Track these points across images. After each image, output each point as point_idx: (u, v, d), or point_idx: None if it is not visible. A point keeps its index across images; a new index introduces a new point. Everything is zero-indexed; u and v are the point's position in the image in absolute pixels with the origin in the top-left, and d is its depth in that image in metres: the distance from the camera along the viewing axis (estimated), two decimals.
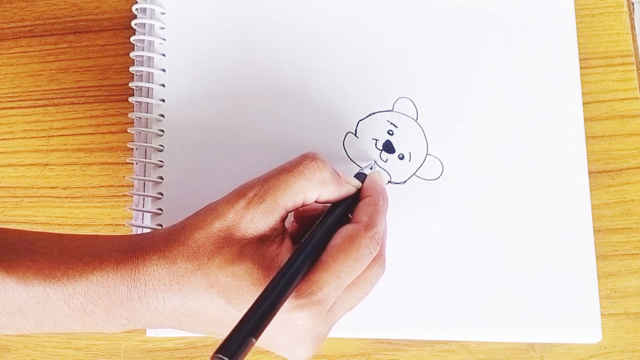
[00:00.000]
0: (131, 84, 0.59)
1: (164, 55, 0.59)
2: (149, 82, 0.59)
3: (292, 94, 0.58)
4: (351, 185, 0.51)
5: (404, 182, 0.57)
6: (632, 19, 0.60)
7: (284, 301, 0.42)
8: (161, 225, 0.56)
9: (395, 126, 0.58)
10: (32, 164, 0.60)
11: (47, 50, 0.62)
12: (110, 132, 0.60)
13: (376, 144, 0.57)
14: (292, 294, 0.44)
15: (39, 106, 0.61)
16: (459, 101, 0.58)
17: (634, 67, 0.60)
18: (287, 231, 0.48)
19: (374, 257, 0.48)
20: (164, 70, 0.59)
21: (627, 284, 0.57)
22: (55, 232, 0.55)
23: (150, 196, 0.57)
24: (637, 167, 0.59)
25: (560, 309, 0.55)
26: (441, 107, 0.58)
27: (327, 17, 0.59)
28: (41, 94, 0.61)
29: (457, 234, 0.56)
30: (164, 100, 0.58)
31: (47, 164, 0.60)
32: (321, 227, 0.48)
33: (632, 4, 0.61)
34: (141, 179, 0.57)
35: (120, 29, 0.62)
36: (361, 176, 0.53)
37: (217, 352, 0.37)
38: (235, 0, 0.60)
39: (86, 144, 0.60)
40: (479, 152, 0.57)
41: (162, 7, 0.59)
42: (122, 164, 0.60)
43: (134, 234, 0.56)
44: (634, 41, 0.60)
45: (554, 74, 0.58)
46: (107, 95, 0.61)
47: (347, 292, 0.47)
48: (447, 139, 0.58)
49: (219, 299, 0.45)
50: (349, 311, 0.49)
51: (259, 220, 0.46)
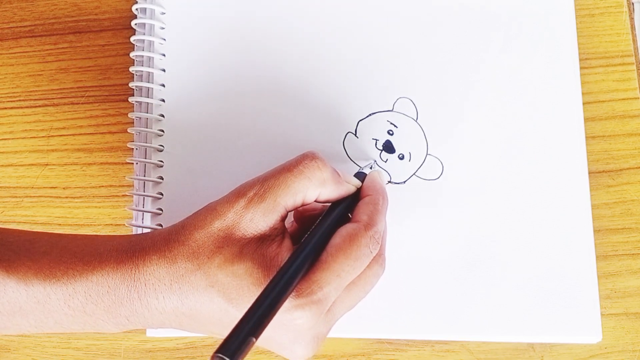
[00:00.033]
0: (131, 84, 0.59)
1: (164, 55, 0.59)
2: (149, 82, 0.59)
3: (292, 94, 0.58)
4: (351, 184, 0.51)
5: (404, 182, 0.57)
6: (632, 19, 0.60)
7: (284, 301, 0.42)
8: (161, 225, 0.56)
9: (395, 126, 0.58)
10: (32, 164, 0.60)
11: (47, 50, 0.62)
12: (110, 132, 0.60)
13: (376, 144, 0.57)
14: (292, 293, 0.44)
15: (39, 106, 0.61)
16: (459, 101, 0.58)
17: (634, 67, 0.60)
18: (287, 231, 0.48)
19: (374, 257, 0.48)
20: (164, 70, 0.59)
21: (627, 284, 0.57)
22: (55, 232, 0.55)
23: (150, 196, 0.57)
24: (637, 167, 0.59)
25: (560, 309, 0.55)
26: (441, 107, 0.58)
27: (327, 17, 0.59)
28: (41, 94, 0.61)
29: (457, 234, 0.56)
30: (164, 100, 0.58)
31: (47, 164, 0.60)
32: (321, 226, 0.48)
33: (632, 4, 0.61)
34: (141, 179, 0.57)
35: (120, 29, 0.62)
36: (361, 175, 0.53)
37: (217, 351, 0.37)
38: (235, 0, 0.60)
39: (86, 144, 0.60)
40: (479, 152, 0.57)
41: (162, 7, 0.59)
42: (122, 164, 0.60)
43: (134, 233, 0.56)
44: (634, 41, 0.60)
45: (554, 74, 0.58)
46: (107, 95, 0.61)
47: (347, 292, 0.47)
48: (447, 139, 0.58)
49: (219, 298, 0.45)
50: (349, 310, 0.49)
51: (258, 219, 0.46)
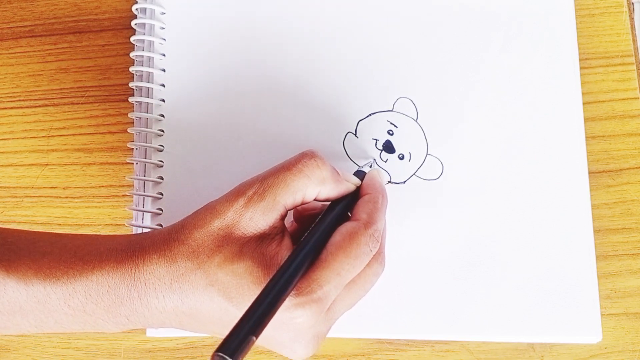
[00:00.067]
0: (131, 84, 0.59)
1: (164, 55, 0.59)
2: (149, 82, 0.59)
3: (292, 94, 0.58)
4: (350, 183, 0.51)
5: (404, 182, 0.57)
6: (632, 19, 0.60)
7: (284, 299, 0.42)
8: (161, 225, 0.56)
9: (395, 126, 0.58)
10: (32, 164, 0.60)
11: (47, 50, 0.62)
12: (110, 132, 0.60)
13: (376, 144, 0.57)
14: (292, 292, 0.44)
15: (39, 106, 0.61)
16: (459, 101, 0.58)
17: (634, 67, 0.60)
18: (287, 229, 0.48)
19: (374, 255, 0.48)
20: (164, 70, 0.59)
21: (627, 284, 0.57)
22: (55, 232, 0.55)
23: (150, 196, 0.57)
24: (637, 167, 0.59)
25: (560, 309, 0.55)
26: (441, 107, 0.58)
27: (327, 17, 0.59)
28: (41, 94, 0.61)
29: (457, 234, 0.56)
30: (164, 100, 0.58)
31: (47, 164, 0.60)
32: (321, 225, 0.48)
33: (632, 4, 0.61)
34: (141, 179, 0.57)
35: (120, 29, 0.62)
36: (360, 174, 0.53)
37: (218, 350, 0.37)
38: (235, 0, 0.60)
39: (86, 144, 0.60)
40: (479, 152, 0.57)
41: (162, 7, 0.59)
42: (122, 164, 0.60)
43: (133, 233, 0.56)
44: (634, 41, 0.60)
45: (554, 74, 0.58)
46: (107, 95, 0.61)
47: (347, 290, 0.47)
48: (447, 139, 0.58)
49: (219, 297, 0.45)
50: (349, 309, 0.49)
51: (258, 218, 0.46)
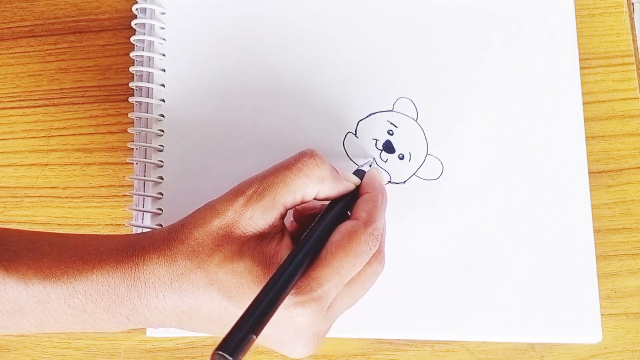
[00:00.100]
0: (131, 84, 0.59)
1: (164, 55, 0.59)
2: (149, 82, 0.59)
3: (292, 94, 0.58)
4: (350, 182, 0.51)
5: (404, 182, 0.57)
6: (632, 19, 0.60)
7: (284, 298, 0.42)
8: (161, 225, 0.56)
9: (395, 126, 0.58)
10: (32, 164, 0.60)
11: (47, 50, 0.62)
12: (110, 132, 0.60)
13: (376, 144, 0.57)
14: (292, 290, 0.44)
15: (39, 106, 0.61)
16: (459, 101, 0.58)
17: (634, 67, 0.60)
18: (287, 229, 0.48)
19: (374, 254, 0.48)
20: (164, 70, 0.59)
21: (627, 284, 0.57)
22: (55, 232, 0.54)
23: (150, 196, 0.57)
24: (637, 167, 0.59)
25: (560, 309, 0.55)
26: (441, 107, 0.58)
27: (327, 17, 0.59)
28: (41, 94, 0.61)
29: (457, 234, 0.56)
30: (164, 100, 0.58)
31: (47, 164, 0.60)
32: (320, 224, 0.48)
33: (632, 4, 0.61)
34: (141, 179, 0.57)
35: (120, 29, 0.62)
36: (360, 173, 0.53)
37: (218, 349, 0.37)
38: (235, 0, 0.60)
39: (86, 144, 0.60)
40: (479, 152, 0.57)
41: (162, 7, 0.59)
42: (122, 164, 0.60)
43: (133, 233, 0.56)
44: (634, 41, 0.60)
45: (554, 74, 0.58)
46: (107, 95, 0.61)
47: (347, 289, 0.47)
48: (447, 139, 0.58)
49: (219, 296, 0.45)
50: (349, 308, 0.49)
51: (258, 217, 0.46)
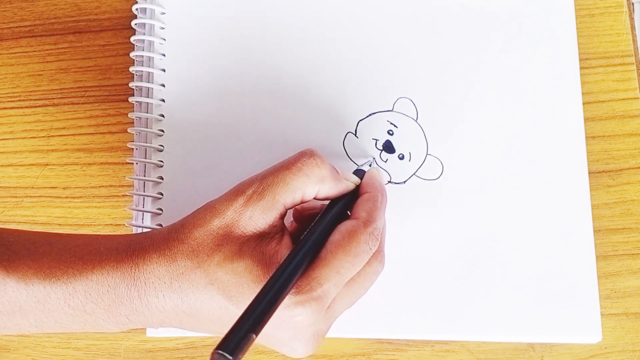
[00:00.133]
0: (131, 84, 0.59)
1: (164, 55, 0.59)
2: (149, 82, 0.59)
3: (292, 93, 0.58)
4: (350, 181, 0.51)
5: (404, 182, 0.57)
6: (632, 19, 0.60)
7: (284, 297, 0.42)
8: (161, 225, 0.56)
9: (395, 126, 0.58)
10: (32, 164, 0.60)
11: (47, 50, 0.62)
12: (110, 132, 0.60)
13: (376, 144, 0.57)
14: (292, 290, 0.44)
15: (39, 106, 0.61)
16: (459, 101, 0.58)
17: (634, 67, 0.60)
18: (287, 228, 0.48)
19: (373, 253, 0.48)
20: (164, 70, 0.59)
21: (627, 284, 0.57)
22: (55, 232, 0.55)
23: (150, 196, 0.57)
24: (637, 167, 0.59)
25: (560, 309, 0.55)
26: (441, 107, 0.58)
27: (327, 16, 0.59)
28: (41, 94, 0.61)
29: (457, 234, 0.56)
30: (164, 100, 0.58)
31: (47, 164, 0.60)
32: (320, 223, 0.48)
33: (632, 4, 0.61)
34: (141, 179, 0.57)
35: (120, 29, 0.62)
36: (360, 173, 0.53)
37: (218, 348, 0.37)
38: (235, 0, 0.60)
39: (86, 144, 0.60)
40: (479, 152, 0.57)
41: (162, 7, 0.59)
42: (122, 164, 0.60)
43: (133, 233, 0.56)
44: (634, 41, 0.60)
45: (554, 74, 0.58)
46: (107, 95, 0.61)
47: (347, 289, 0.47)
48: (447, 139, 0.58)
49: (219, 296, 0.45)
50: (349, 308, 0.49)
51: (258, 217, 0.46)
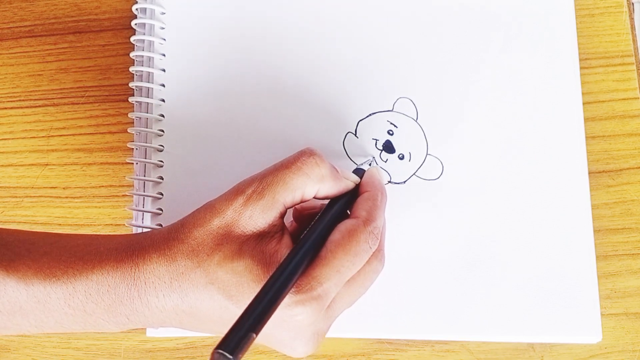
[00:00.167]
0: (131, 84, 0.59)
1: (164, 55, 0.59)
2: (149, 82, 0.59)
3: (292, 94, 0.58)
4: (349, 180, 0.51)
5: (404, 182, 0.57)
6: (632, 19, 0.60)
7: (284, 296, 0.42)
8: (161, 225, 0.56)
9: (395, 126, 0.58)
10: (32, 164, 0.60)
11: (47, 50, 0.62)
12: (110, 132, 0.60)
13: (376, 144, 0.57)
14: (292, 289, 0.44)
15: (39, 106, 0.61)
16: (459, 101, 0.58)
17: (634, 67, 0.60)
18: (286, 228, 0.48)
19: (373, 252, 0.48)
20: (164, 70, 0.59)
21: (627, 284, 0.57)
22: (55, 232, 0.55)
23: (150, 196, 0.57)
24: (637, 167, 0.59)
25: (560, 309, 0.55)
26: (441, 107, 0.58)
27: (327, 16, 0.59)
28: (41, 94, 0.61)
29: (457, 234, 0.56)
30: (164, 100, 0.58)
31: (47, 164, 0.60)
32: (320, 223, 0.48)
33: (632, 4, 0.61)
34: (141, 179, 0.57)
35: (120, 29, 0.62)
36: (359, 172, 0.53)
37: (218, 347, 0.37)
38: (235, 0, 0.60)
39: (86, 144, 0.60)
40: (479, 152, 0.57)
41: (162, 7, 0.59)
42: (122, 164, 0.60)
43: (133, 233, 0.56)
44: (634, 41, 0.60)
45: (554, 74, 0.58)
46: (107, 95, 0.61)
47: (347, 288, 0.47)
48: (447, 139, 0.58)
49: (219, 295, 0.45)
50: (349, 307, 0.49)
51: (257, 216, 0.46)
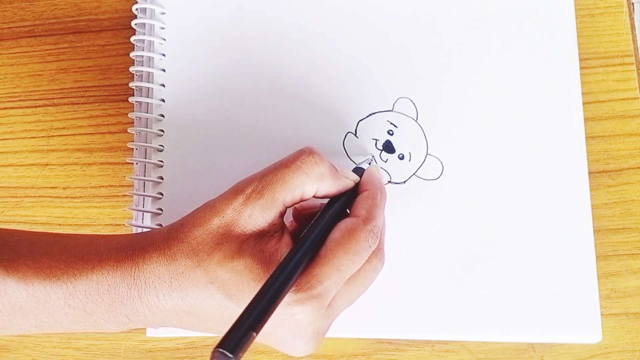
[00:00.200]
0: (131, 84, 0.59)
1: (164, 55, 0.59)
2: (149, 82, 0.59)
3: (292, 94, 0.58)
4: (349, 179, 0.51)
5: (404, 182, 0.57)
6: (632, 19, 0.60)
7: (284, 295, 0.42)
8: (161, 225, 0.56)
9: (395, 126, 0.58)
10: (32, 164, 0.60)
11: (47, 50, 0.62)
12: (110, 132, 0.60)
13: (376, 144, 0.57)
14: (292, 288, 0.44)
15: (39, 106, 0.61)
16: (459, 101, 0.58)
17: (634, 67, 0.60)
18: (286, 227, 0.48)
19: (373, 251, 0.48)
20: (164, 70, 0.59)
21: (627, 284, 0.57)
22: (55, 232, 0.55)
23: (150, 196, 0.57)
24: (637, 167, 0.59)
25: (560, 309, 0.55)
26: (441, 107, 0.58)
27: (327, 16, 0.59)
28: (41, 94, 0.61)
29: (457, 234, 0.56)
30: (164, 100, 0.58)
31: (47, 164, 0.60)
32: (320, 221, 0.48)
33: (632, 4, 0.61)
34: (141, 179, 0.57)
35: (120, 29, 0.62)
36: (359, 170, 0.53)
37: (218, 346, 0.37)
38: (235, 0, 0.60)
39: (86, 144, 0.60)
40: (479, 152, 0.57)
41: (162, 7, 0.59)
42: (122, 164, 0.60)
43: (133, 233, 0.56)
44: (634, 41, 0.60)
45: (554, 74, 0.58)
46: (107, 95, 0.61)
47: (347, 286, 0.47)
48: (447, 139, 0.58)
49: (219, 294, 0.45)
50: (350, 305, 0.49)
51: (257, 216, 0.46)
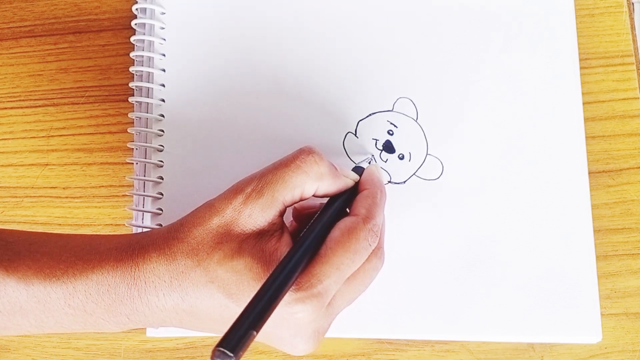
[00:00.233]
0: (131, 84, 0.59)
1: (164, 55, 0.59)
2: (149, 82, 0.59)
3: (292, 94, 0.58)
4: (349, 178, 0.51)
5: (404, 182, 0.57)
6: (632, 19, 0.60)
7: (284, 294, 0.42)
8: (161, 225, 0.56)
9: (395, 126, 0.58)
10: (32, 164, 0.60)
11: (47, 50, 0.62)
12: (110, 132, 0.60)
13: (376, 144, 0.57)
14: (292, 287, 0.44)
15: (39, 106, 0.61)
16: (459, 101, 0.58)
17: (634, 67, 0.60)
18: (286, 226, 0.48)
19: (373, 250, 0.48)
20: (164, 70, 0.59)
21: (627, 284, 0.57)
22: (55, 232, 0.55)
23: (150, 196, 0.57)
24: (637, 167, 0.59)
25: (560, 309, 0.55)
26: (441, 107, 0.58)
27: (327, 16, 0.59)
28: (41, 94, 0.61)
29: (457, 234, 0.56)
30: (164, 100, 0.58)
31: (47, 164, 0.60)
32: (320, 220, 0.48)
33: (632, 4, 0.61)
34: (141, 179, 0.57)
35: (120, 29, 0.62)
36: (359, 170, 0.53)
37: (218, 345, 0.37)
38: (235, 0, 0.60)
39: (86, 144, 0.60)
40: (479, 152, 0.57)
41: (162, 7, 0.59)
42: (122, 164, 0.60)
43: (133, 233, 0.56)
44: (634, 41, 0.60)
45: (554, 74, 0.58)
46: (107, 95, 0.61)
47: (347, 285, 0.47)
48: (447, 139, 0.58)
49: (219, 294, 0.45)
50: (350, 304, 0.49)
51: (257, 215, 0.46)
